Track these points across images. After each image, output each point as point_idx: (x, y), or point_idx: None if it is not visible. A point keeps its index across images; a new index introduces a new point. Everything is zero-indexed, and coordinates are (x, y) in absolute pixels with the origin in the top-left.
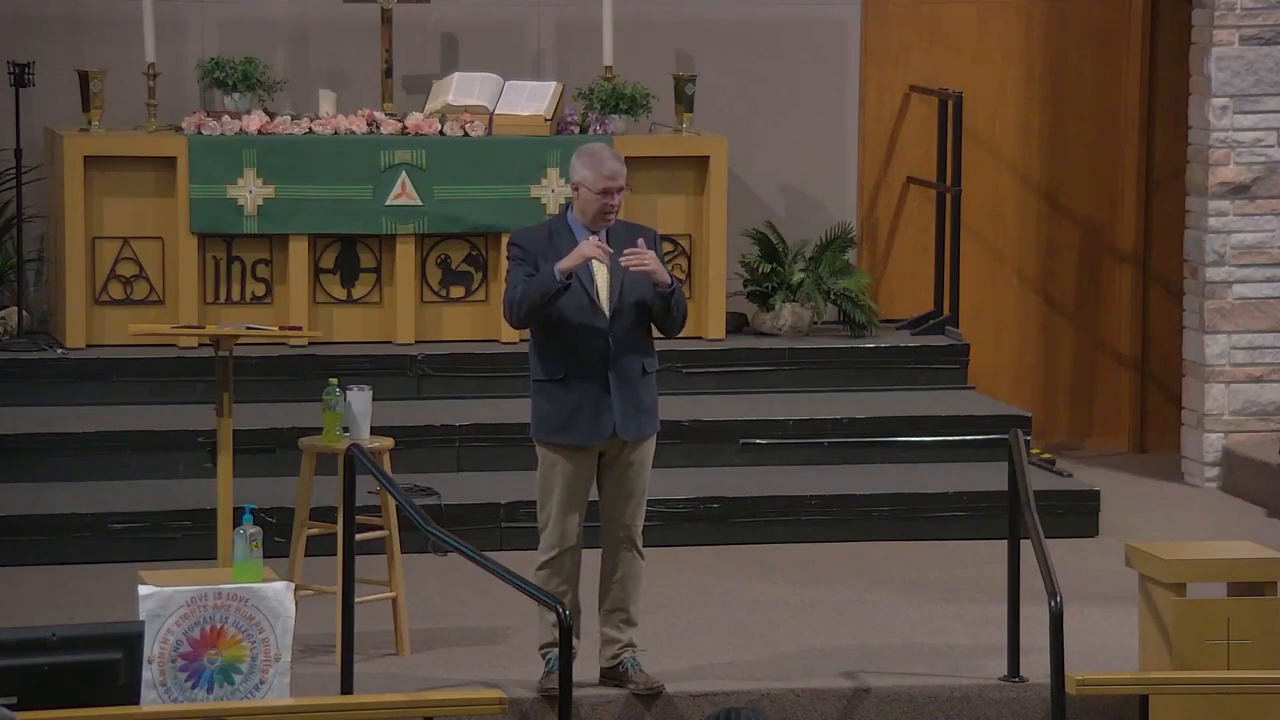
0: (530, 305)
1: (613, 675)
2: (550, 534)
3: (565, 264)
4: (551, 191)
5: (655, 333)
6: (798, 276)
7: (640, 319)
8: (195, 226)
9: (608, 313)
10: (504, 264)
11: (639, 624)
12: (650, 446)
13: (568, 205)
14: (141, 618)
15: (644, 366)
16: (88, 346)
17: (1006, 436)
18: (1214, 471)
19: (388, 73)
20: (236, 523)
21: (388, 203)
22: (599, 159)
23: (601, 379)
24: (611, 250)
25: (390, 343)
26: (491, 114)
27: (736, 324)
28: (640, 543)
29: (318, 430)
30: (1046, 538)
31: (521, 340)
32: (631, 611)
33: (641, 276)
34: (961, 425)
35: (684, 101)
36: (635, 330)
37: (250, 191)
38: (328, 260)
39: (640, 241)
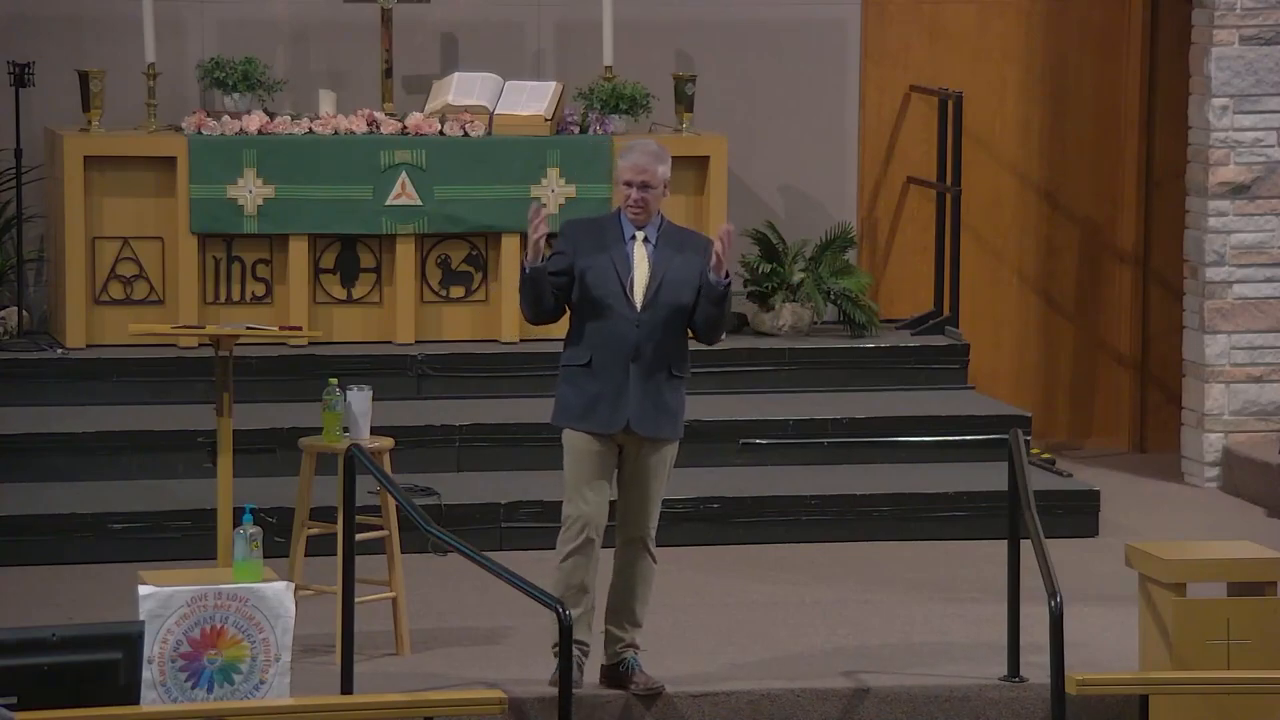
0: (520, 296)
1: (613, 674)
2: (572, 525)
3: (528, 255)
4: (552, 191)
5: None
6: (798, 276)
7: (675, 320)
8: (195, 226)
9: (639, 304)
10: (504, 264)
11: (643, 625)
12: (670, 451)
13: None
14: (141, 618)
15: (671, 369)
16: (88, 346)
17: (1006, 436)
18: (1214, 471)
19: (388, 73)
20: (236, 523)
21: (388, 203)
22: (629, 152)
23: (624, 369)
24: (543, 226)
25: (390, 343)
26: (491, 114)
27: (736, 324)
28: (653, 546)
29: (318, 430)
30: (1046, 538)
31: (521, 340)
32: (638, 612)
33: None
34: (961, 425)
35: (684, 101)
36: (667, 329)
37: (250, 191)
38: (328, 260)
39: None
